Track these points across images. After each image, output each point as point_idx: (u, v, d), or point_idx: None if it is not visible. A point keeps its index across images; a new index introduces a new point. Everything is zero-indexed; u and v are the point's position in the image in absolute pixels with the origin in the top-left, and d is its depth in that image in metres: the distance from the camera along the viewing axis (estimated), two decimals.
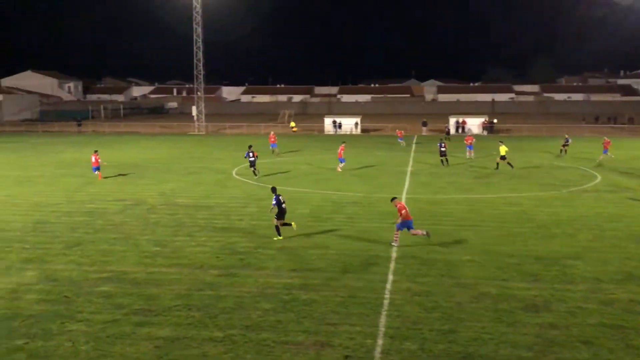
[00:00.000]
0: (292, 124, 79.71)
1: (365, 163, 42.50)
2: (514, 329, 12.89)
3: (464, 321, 13.31)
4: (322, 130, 77.32)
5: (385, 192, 30.01)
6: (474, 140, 46.52)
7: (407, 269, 17.03)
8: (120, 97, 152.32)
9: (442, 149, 40.95)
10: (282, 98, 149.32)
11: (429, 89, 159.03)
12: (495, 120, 78.40)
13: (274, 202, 20.26)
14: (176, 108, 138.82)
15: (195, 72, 78.74)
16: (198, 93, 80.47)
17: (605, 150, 42.78)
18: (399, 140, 56.85)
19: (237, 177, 35.87)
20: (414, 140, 63.29)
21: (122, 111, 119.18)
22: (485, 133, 72.65)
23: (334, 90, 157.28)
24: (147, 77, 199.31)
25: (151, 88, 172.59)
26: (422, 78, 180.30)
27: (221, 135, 73.76)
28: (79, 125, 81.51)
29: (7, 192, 30.24)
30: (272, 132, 53.68)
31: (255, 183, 33.27)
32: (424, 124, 76.47)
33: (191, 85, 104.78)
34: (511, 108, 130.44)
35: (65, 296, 14.93)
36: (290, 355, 11.67)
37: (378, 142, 60.39)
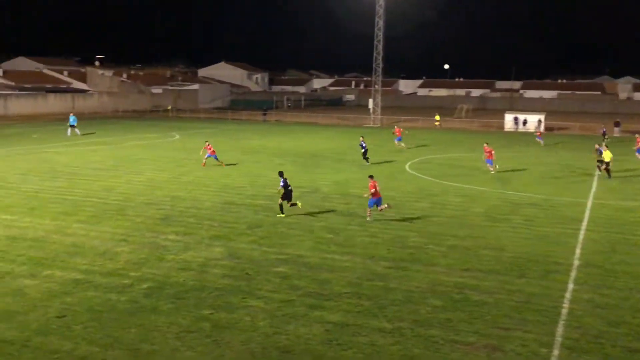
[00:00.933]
0: (437, 117, 78.00)
1: (548, 163, 40.27)
2: None
3: None
4: (501, 126, 74.45)
5: (568, 195, 28.23)
6: None
7: (590, 279, 15.89)
8: (301, 89, 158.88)
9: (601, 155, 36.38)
10: (460, 92, 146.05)
11: (624, 87, 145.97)
12: None
13: (281, 184, 22.34)
14: (353, 100, 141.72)
15: (374, 65, 79.76)
16: (375, 86, 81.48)
17: None
18: (538, 139, 53.51)
19: (410, 171, 35.82)
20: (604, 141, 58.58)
21: (303, 102, 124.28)
22: None
23: (516, 85, 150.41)
24: (327, 69, 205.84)
25: (331, 80, 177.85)
26: (617, 75, 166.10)
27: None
28: (265, 114, 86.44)
29: (201, 174, 32.98)
30: (396, 126, 53.36)
31: (429, 178, 32.99)
32: (617, 125, 70.43)
33: (369, 78, 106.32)
34: None
35: (247, 273, 15.98)
36: (460, 355, 11.45)
37: (563, 141, 56.82)
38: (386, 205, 22.19)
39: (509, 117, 74.65)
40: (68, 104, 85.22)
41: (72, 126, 53.69)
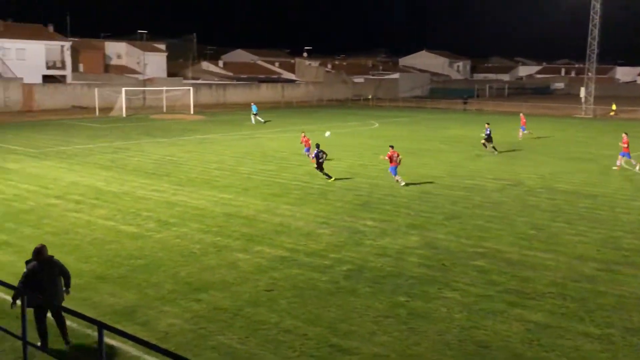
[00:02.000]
0: (613, 106, 69.10)
1: None
2: None
3: None
4: None
5: None
6: None
7: None
8: (505, 77, 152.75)
9: None
10: None
11: None
12: None
13: (312, 155, 26.76)
14: (562, 89, 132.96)
15: (587, 51, 73.87)
16: (589, 73, 75.46)
17: None
18: None
19: (625, 166, 32.75)
20: None
21: (506, 90, 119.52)
22: None
23: None
24: (535, 56, 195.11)
25: (538, 68, 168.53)
26: None
27: (610, 120, 68.07)
28: (465, 103, 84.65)
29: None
30: (521, 114, 48.56)
31: None
32: None
33: (581, 65, 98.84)
34: None
35: (443, 264, 15.87)
36: None
37: None
38: (400, 179, 25.47)
39: None
40: (278, 93, 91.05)
41: (254, 114, 57.33)
